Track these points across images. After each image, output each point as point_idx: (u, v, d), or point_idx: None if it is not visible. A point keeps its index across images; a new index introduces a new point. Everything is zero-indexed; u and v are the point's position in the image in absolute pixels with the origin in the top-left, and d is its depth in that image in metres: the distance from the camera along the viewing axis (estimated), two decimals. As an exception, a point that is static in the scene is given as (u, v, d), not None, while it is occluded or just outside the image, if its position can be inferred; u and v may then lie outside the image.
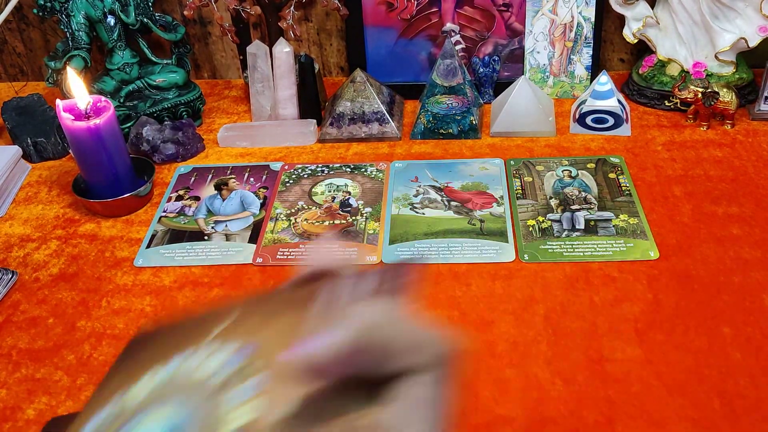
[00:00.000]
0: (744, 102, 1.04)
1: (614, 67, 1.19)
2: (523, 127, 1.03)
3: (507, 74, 1.13)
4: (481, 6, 1.10)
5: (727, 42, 1.02)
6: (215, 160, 1.04)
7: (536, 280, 0.78)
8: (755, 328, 0.71)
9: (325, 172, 0.99)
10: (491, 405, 0.65)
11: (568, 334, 0.71)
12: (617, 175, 0.94)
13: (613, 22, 1.13)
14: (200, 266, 0.84)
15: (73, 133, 0.88)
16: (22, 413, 0.68)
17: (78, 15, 1.04)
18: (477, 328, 0.73)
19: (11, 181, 1.00)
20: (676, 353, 0.69)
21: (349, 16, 1.10)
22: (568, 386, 0.66)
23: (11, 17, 1.22)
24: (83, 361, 0.73)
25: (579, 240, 0.83)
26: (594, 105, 1.01)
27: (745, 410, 0.63)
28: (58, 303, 0.80)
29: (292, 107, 1.07)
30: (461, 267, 0.81)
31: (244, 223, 0.90)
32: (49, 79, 1.06)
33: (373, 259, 0.83)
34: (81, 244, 0.89)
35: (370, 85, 1.05)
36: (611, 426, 0.62)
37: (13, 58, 1.28)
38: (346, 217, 0.90)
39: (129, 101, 1.08)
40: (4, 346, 0.75)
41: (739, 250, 0.80)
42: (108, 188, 0.92)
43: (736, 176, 0.92)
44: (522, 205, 0.89)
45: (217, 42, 1.23)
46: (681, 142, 1.00)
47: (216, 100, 1.19)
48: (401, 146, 1.03)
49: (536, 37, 1.10)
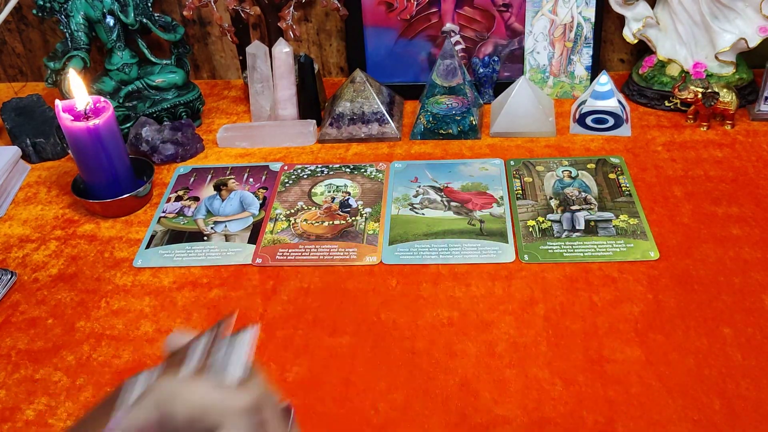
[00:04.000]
0: (744, 102, 1.04)
1: (614, 67, 1.19)
2: (523, 127, 1.02)
3: (507, 74, 1.13)
4: (480, 6, 1.10)
5: (727, 42, 1.02)
6: (215, 161, 1.04)
7: (536, 281, 0.78)
8: (755, 329, 0.70)
9: (325, 172, 0.99)
10: (491, 405, 0.65)
11: (568, 334, 0.71)
12: (617, 175, 0.93)
13: (613, 22, 1.13)
14: (200, 267, 0.84)
15: (73, 134, 0.88)
16: (21, 414, 0.67)
17: (77, 15, 1.04)
18: (477, 329, 0.72)
19: (10, 181, 1.00)
20: (677, 354, 0.68)
21: (349, 17, 1.10)
22: (568, 387, 0.66)
23: (10, 18, 1.22)
24: (82, 361, 0.73)
25: (579, 240, 0.83)
26: (594, 105, 1.01)
27: (746, 411, 0.63)
28: (58, 304, 0.80)
29: (292, 108, 1.07)
30: (461, 267, 0.81)
31: (243, 224, 0.90)
32: (48, 79, 1.06)
33: (373, 259, 0.83)
34: (80, 244, 0.89)
35: (370, 86, 1.05)
36: (611, 426, 0.62)
37: (13, 59, 1.28)
38: (345, 218, 0.90)
39: (128, 102, 1.08)
40: (3, 346, 0.75)
41: (739, 250, 0.80)
42: (107, 189, 0.92)
43: (737, 176, 0.92)
44: (522, 206, 0.89)
45: (216, 42, 1.23)
46: (681, 142, 1.00)
47: (215, 101, 1.19)
48: (401, 146, 1.03)
49: (536, 37, 1.10)
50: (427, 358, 0.70)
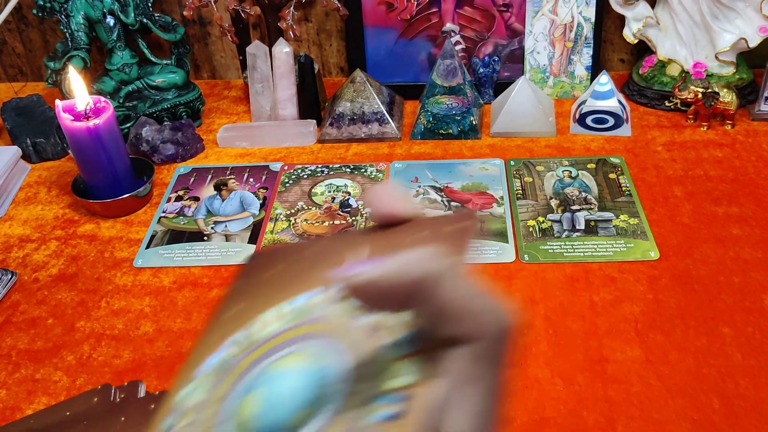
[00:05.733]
0: (744, 102, 1.04)
1: (614, 67, 1.19)
2: (523, 127, 1.02)
3: (507, 74, 1.13)
4: (481, 6, 1.10)
5: (727, 42, 1.02)
6: (215, 161, 1.04)
7: (536, 281, 0.78)
8: (755, 329, 0.70)
9: (325, 172, 0.99)
10: (491, 405, 0.64)
11: (568, 334, 0.71)
12: (617, 175, 0.93)
13: (613, 22, 1.13)
14: (200, 267, 0.84)
15: (73, 134, 0.88)
16: (21, 414, 0.67)
17: (77, 15, 1.04)
18: (477, 329, 0.72)
19: (11, 181, 1.00)
20: (677, 353, 0.68)
21: (349, 17, 1.10)
22: (568, 386, 0.66)
23: (10, 18, 1.22)
24: (83, 361, 0.73)
25: (579, 240, 0.83)
26: (594, 105, 1.01)
27: (745, 410, 0.63)
28: (58, 303, 0.80)
29: (292, 107, 1.07)
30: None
31: (243, 224, 0.90)
32: (48, 79, 1.06)
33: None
34: (80, 244, 0.89)
35: (370, 86, 1.05)
36: (611, 426, 0.62)
37: (13, 59, 1.28)
38: (345, 218, 0.90)
39: (128, 102, 1.08)
40: (3, 346, 0.75)
41: (739, 250, 0.80)
42: (107, 189, 0.92)
43: (737, 176, 0.92)
44: (522, 206, 0.89)
45: (216, 42, 1.23)
46: (681, 142, 1.00)
47: (215, 101, 1.19)
48: (401, 146, 1.03)
49: (536, 37, 1.10)
50: (427, 358, 0.70)
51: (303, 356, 0.26)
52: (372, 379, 0.25)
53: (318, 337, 0.27)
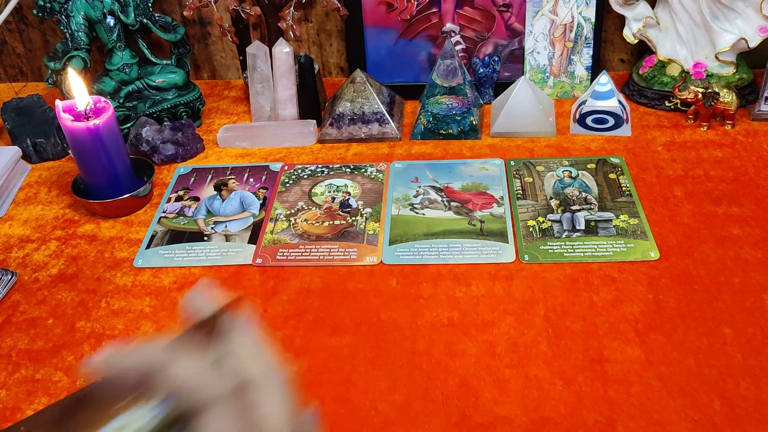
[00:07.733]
0: (744, 102, 1.04)
1: (614, 67, 1.19)
2: (523, 127, 1.02)
3: (507, 74, 1.13)
4: (481, 6, 1.10)
5: (727, 42, 1.02)
6: (215, 161, 1.04)
7: (536, 281, 0.78)
8: (756, 329, 0.70)
9: (325, 172, 0.99)
10: (491, 405, 0.65)
11: (568, 334, 0.71)
12: (617, 175, 0.94)
13: (613, 22, 1.13)
14: (200, 267, 0.84)
15: (73, 134, 0.88)
16: (21, 414, 0.67)
17: (77, 15, 1.04)
18: (477, 329, 0.73)
19: (11, 181, 1.00)
20: (677, 354, 0.68)
21: (349, 17, 1.10)
22: (568, 386, 0.66)
23: (11, 18, 1.22)
24: (83, 361, 0.73)
25: (579, 240, 0.83)
26: (594, 105, 1.01)
27: (746, 411, 0.63)
28: (58, 304, 0.80)
29: (292, 108, 1.07)
30: (461, 267, 0.81)
31: (243, 224, 0.90)
32: (48, 79, 1.06)
33: (373, 259, 0.83)
34: (80, 244, 0.89)
35: (370, 86, 1.05)
36: (611, 426, 0.62)
37: (13, 59, 1.28)
38: (345, 218, 0.90)
39: (128, 102, 1.08)
40: (3, 346, 0.75)
41: (739, 250, 0.80)
42: (107, 189, 0.92)
43: (737, 176, 0.92)
44: (522, 206, 0.89)
45: (216, 42, 1.23)
46: (681, 142, 1.00)
47: (216, 101, 1.19)
48: (401, 147, 1.03)
49: (536, 37, 1.10)
50: (427, 358, 0.70)
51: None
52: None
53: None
